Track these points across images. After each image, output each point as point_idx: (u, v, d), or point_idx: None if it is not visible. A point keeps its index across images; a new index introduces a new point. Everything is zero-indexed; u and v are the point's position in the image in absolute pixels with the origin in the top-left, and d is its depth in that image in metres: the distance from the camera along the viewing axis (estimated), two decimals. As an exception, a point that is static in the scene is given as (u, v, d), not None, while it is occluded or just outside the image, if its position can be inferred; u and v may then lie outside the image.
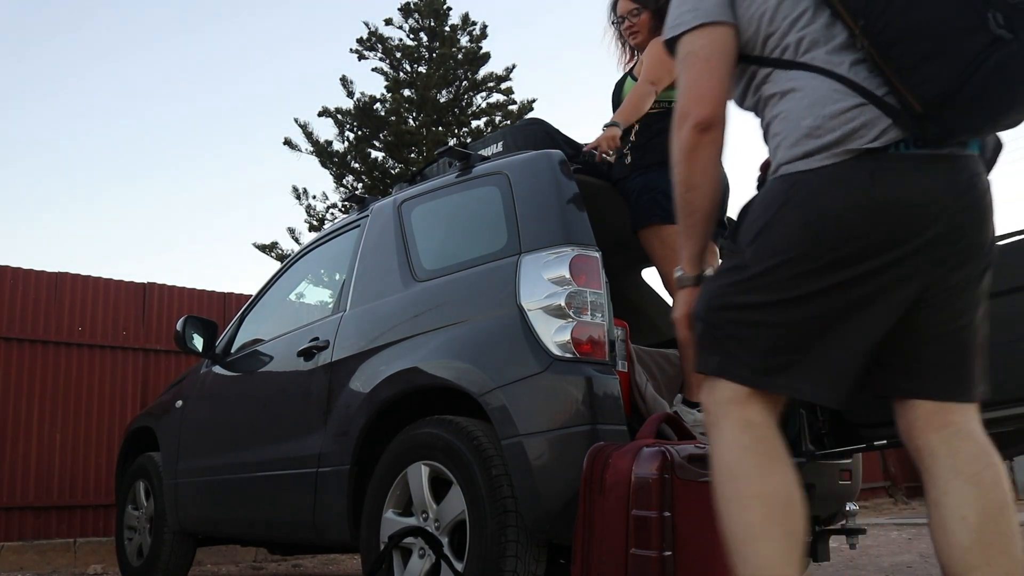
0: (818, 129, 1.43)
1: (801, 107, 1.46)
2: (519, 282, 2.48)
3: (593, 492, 2.10)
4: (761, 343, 1.46)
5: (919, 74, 1.35)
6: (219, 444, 3.73)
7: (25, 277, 6.42)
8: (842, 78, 1.43)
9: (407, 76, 11.83)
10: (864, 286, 1.41)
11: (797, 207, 1.43)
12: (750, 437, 1.46)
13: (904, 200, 1.39)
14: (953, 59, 1.32)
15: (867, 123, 1.40)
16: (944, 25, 1.32)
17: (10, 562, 5.50)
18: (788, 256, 1.43)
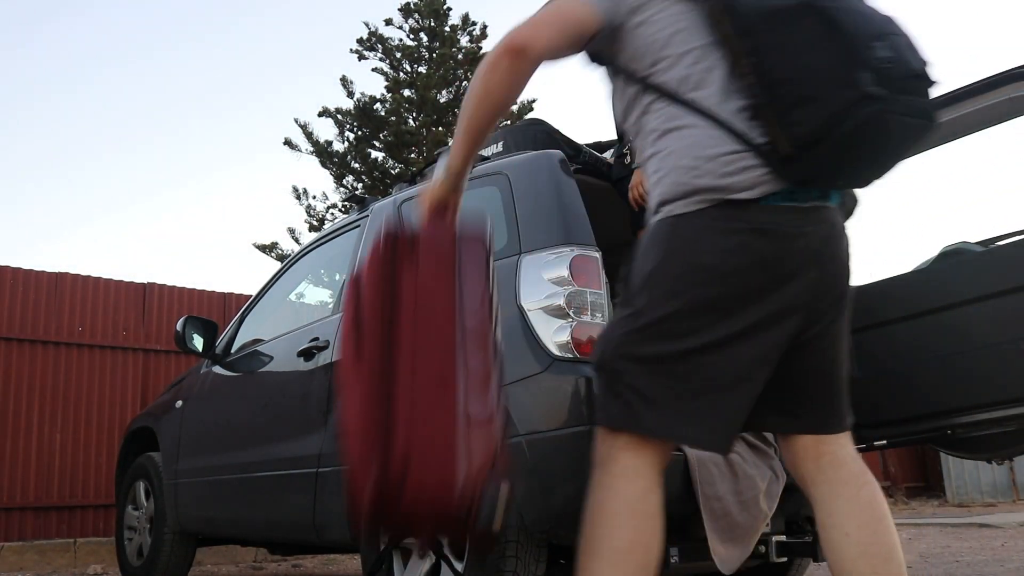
0: (696, 172, 1.47)
1: (682, 147, 1.50)
2: (519, 282, 2.48)
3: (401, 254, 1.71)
4: (661, 393, 1.50)
5: (793, 115, 1.40)
6: (219, 444, 3.73)
7: (25, 277, 6.42)
8: (724, 123, 1.47)
9: (407, 76, 11.83)
10: (749, 332, 1.48)
11: (679, 254, 1.49)
12: (635, 491, 1.51)
13: (776, 249, 1.47)
14: (826, 106, 1.37)
15: (744, 170, 1.46)
16: (825, 73, 1.37)
17: (10, 562, 5.50)
18: (675, 306, 1.48)
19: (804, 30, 1.39)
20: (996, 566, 4.39)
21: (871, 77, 1.35)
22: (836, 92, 1.37)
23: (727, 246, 1.46)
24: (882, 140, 1.42)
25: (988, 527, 6.79)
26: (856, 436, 2.67)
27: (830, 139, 1.38)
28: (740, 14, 1.46)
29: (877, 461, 11.30)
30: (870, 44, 1.36)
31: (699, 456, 2.31)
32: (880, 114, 1.37)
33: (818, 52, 1.38)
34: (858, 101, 1.36)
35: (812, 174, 1.46)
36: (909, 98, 1.39)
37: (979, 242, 2.69)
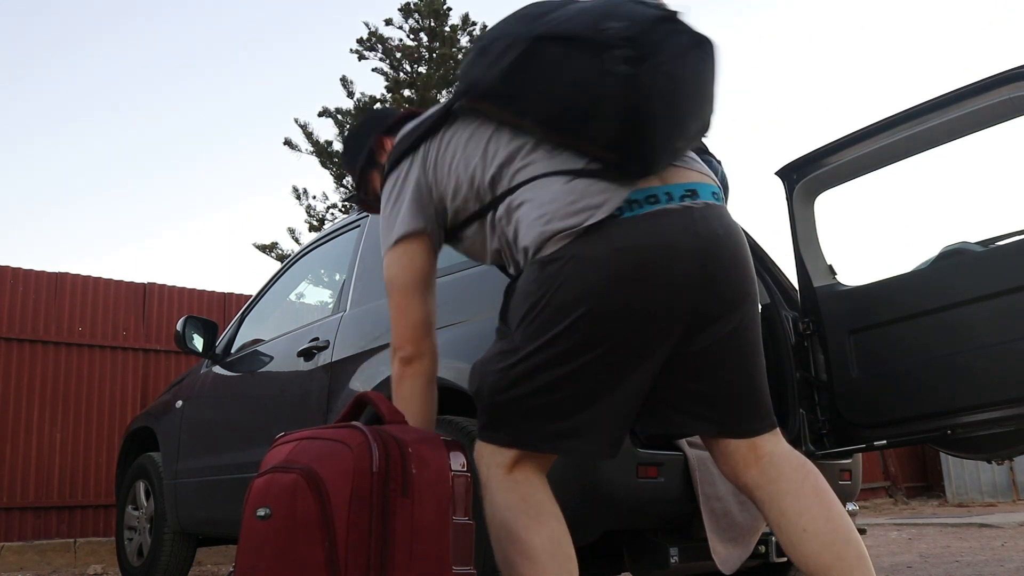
0: (545, 218, 1.50)
1: (533, 207, 1.52)
2: (519, 282, 2.48)
3: (393, 493, 1.76)
4: (543, 415, 1.56)
5: (589, 130, 1.45)
6: (219, 444, 3.73)
7: (25, 277, 6.43)
8: (555, 172, 1.51)
9: (407, 76, 11.83)
10: (629, 349, 1.49)
11: (552, 289, 1.50)
12: (517, 496, 1.60)
13: (645, 260, 1.46)
14: (602, 105, 1.41)
15: (583, 200, 1.48)
16: (580, 82, 1.41)
17: (10, 562, 5.50)
18: (551, 335, 1.50)
19: (541, 60, 1.44)
20: (996, 566, 4.39)
21: (616, 56, 1.37)
22: (597, 85, 1.39)
23: (595, 274, 1.47)
24: (661, 98, 1.41)
25: (988, 527, 6.79)
26: (856, 436, 2.68)
27: (624, 128, 1.41)
28: (487, 93, 1.53)
29: (877, 461, 11.30)
30: (599, 28, 1.39)
31: (699, 456, 2.31)
32: (638, 78, 1.38)
33: (563, 68, 1.42)
34: (622, 80, 1.37)
35: (645, 160, 1.47)
36: (663, 44, 1.39)
37: (979, 242, 2.69)
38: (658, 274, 1.47)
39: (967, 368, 2.44)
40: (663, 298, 1.48)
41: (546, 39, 1.44)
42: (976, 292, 2.47)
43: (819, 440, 2.74)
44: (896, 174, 2.94)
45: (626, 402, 1.55)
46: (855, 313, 2.74)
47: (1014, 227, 2.64)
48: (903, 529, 7.11)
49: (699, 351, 1.55)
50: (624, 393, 1.53)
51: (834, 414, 2.72)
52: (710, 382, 1.58)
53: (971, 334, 2.46)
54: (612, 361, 1.50)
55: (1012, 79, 2.41)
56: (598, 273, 1.47)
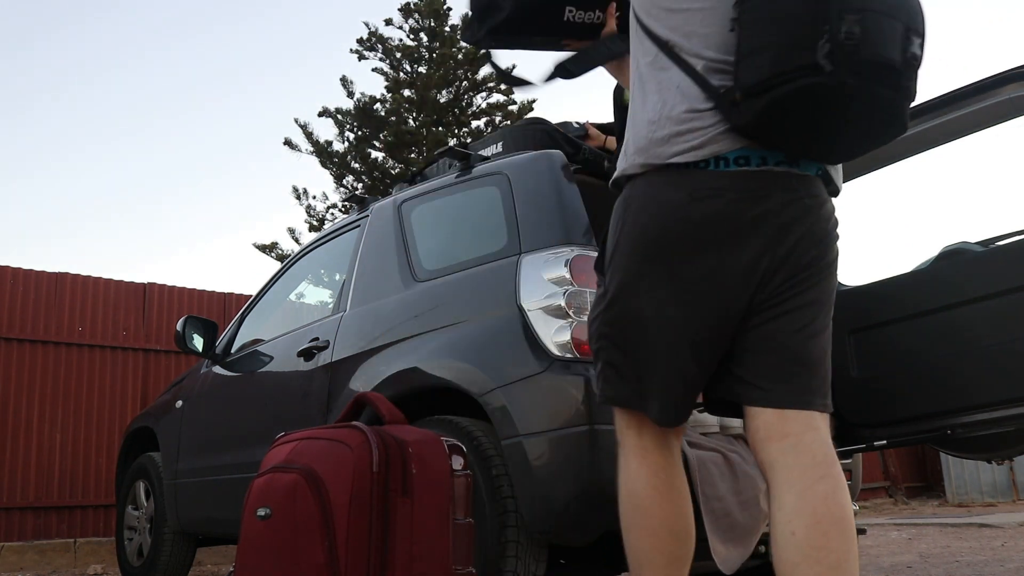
0: (655, 126, 1.46)
1: (653, 99, 1.48)
2: (519, 282, 2.48)
3: (393, 493, 1.78)
4: (629, 367, 1.52)
5: (751, 60, 1.36)
6: (219, 444, 3.73)
7: (25, 277, 6.42)
8: (703, 80, 1.43)
9: (407, 76, 11.82)
10: (704, 297, 1.44)
11: (627, 224, 1.49)
12: (648, 469, 1.55)
13: (719, 213, 1.42)
14: (778, 61, 1.32)
15: (696, 131, 1.42)
16: (791, 28, 1.32)
17: (10, 562, 5.50)
18: (626, 277, 1.48)
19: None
20: (996, 566, 4.39)
21: (828, 47, 1.28)
22: (792, 52, 1.31)
23: (673, 215, 1.44)
24: (819, 114, 1.35)
25: (988, 527, 6.79)
26: (856, 436, 2.68)
27: (770, 95, 1.33)
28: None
29: (877, 461, 11.30)
30: (842, 14, 1.28)
31: (699, 456, 2.31)
32: (821, 87, 1.30)
33: (795, 3, 1.32)
34: (807, 67, 1.29)
35: (754, 127, 1.39)
36: (861, 79, 1.30)
37: (979, 242, 2.69)
38: (730, 230, 1.43)
39: (967, 368, 2.44)
40: (736, 252, 1.43)
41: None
42: (976, 292, 2.47)
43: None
44: (896, 174, 2.94)
45: (704, 361, 1.49)
46: (855, 313, 2.74)
47: (1014, 227, 2.64)
48: (903, 529, 7.11)
49: (765, 313, 1.46)
50: (695, 349, 1.48)
51: (834, 414, 2.72)
52: (768, 348, 1.47)
53: (971, 334, 2.46)
54: (682, 312, 1.46)
55: (1012, 79, 2.42)
56: (676, 218, 1.45)
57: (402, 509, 1.78)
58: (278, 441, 2.06)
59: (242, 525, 1.93)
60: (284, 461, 1.92)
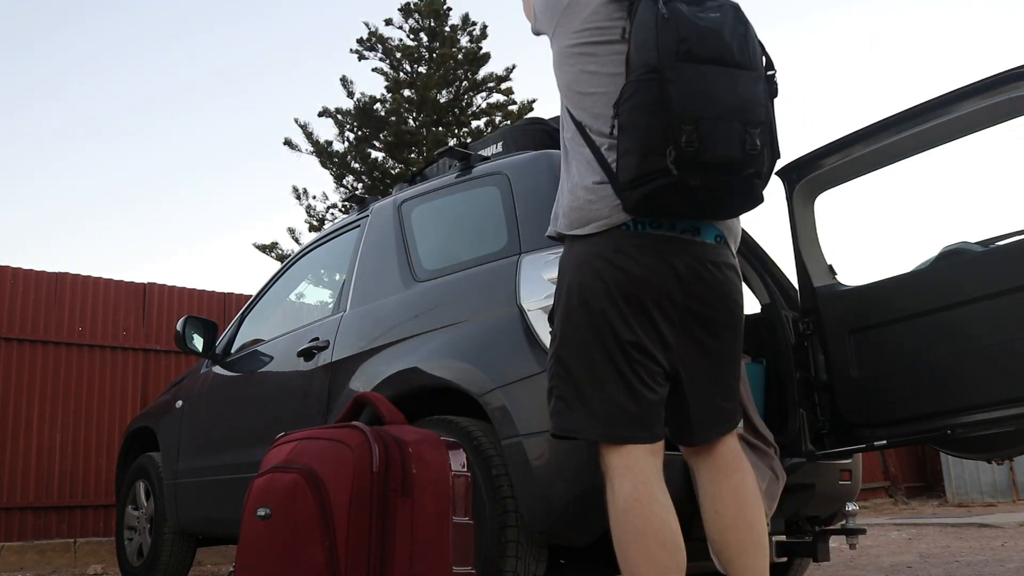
0: (575, 197, 1.77)
1: (575, 170, 1.80)
2: (519, 282, 2.48)
3: (393, 493, 1.79)
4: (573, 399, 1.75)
5: (623, 160, 1.66)
6: (219, 444, 3.73)
7: (25, 277, 6.42)
8: (604, 161, 1.73)
9: (407, 76, 11.82)
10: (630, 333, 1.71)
11: (566, 279, 1.78)
12: (631, 484, 1.71)
13: (638, 272, 1.71)
14: (639, 165, 1.62)
15: (604, 199, 1.72)
16: (647, 138, 1.61)
17: (10, 562, 5.50)
18: (568, 325, 1.76)
19: (648, 91, 1.62)
20: (996, 566, 4.39)
21: (673, 155, 1.57)
22: (650, 157, 1.60)
23: (599, 270, 1.72)
24: (678, 203, 1.67)
25: (988, 527, 6.79)
26: (856, 436, 2.68)
27: (639, 191, 1.64)
28: (630, 64, 1.68)
29: (877, 461, 11.29)
30: (683, 125, 1.57)
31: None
32: (672, 187, 1.60)
33: (651, 116, 1.61)
34: (660, 171, 1.59)
35: (636, 210, 1.68)
36: (701, 177, 1.60)
37: (979, 242, 2.69)
38: (647, 285, 1.73)
39: (967, 368, 2.44)
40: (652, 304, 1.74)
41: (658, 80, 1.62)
42: (976, 292, 2.46)
43: (819, 440, 2.74)
44: (896, 174, 2.94)
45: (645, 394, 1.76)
46: (855, 313, 2.74)
47: (1014, 227, 2.64)
48: (903, 529, 7.11)
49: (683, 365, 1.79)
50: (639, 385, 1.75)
51: (834, 414, 2.72)
52: (689, 396, 1.81)
53: (971, 334, 2.46)
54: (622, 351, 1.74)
55: (1012, 79, 2.41)
56: (602, 271, 1.74)
57: (402, 509, 1.78)
58: (278, 441, 2.05)
59: (242, 525, 1.93)
60: (284, 461, 1.92)
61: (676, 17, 1.63)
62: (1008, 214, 4.25)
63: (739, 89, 1.64)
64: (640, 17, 1.66)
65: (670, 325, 1.74)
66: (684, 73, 1.60)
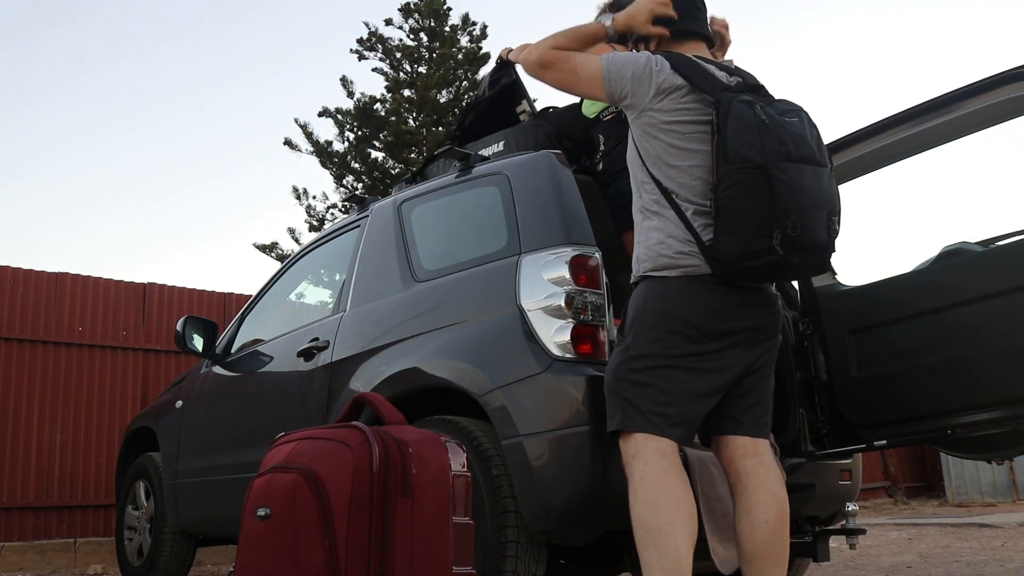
0: (664, 246, 2.07)
1: (658, 226, 2.10)
2: (519, 282, 2.48)
3: (393, 493, 1.79)
4: (647, 403, 2.02)
5: (725, 237, 1.97)
6: (219, 444, 3.73)
7: (25, 277, 6.42)
8: (690, 225, 2.05)
9: (407, 76, 11.82)
10: (719, 355, 2.06)
11: (651, 305, 2.06)
12: (668, 463, 1.99)
13: (714, 303, 2.04)
14: (745, 244, 1.96)
15: (695, 257, 2.04)
16: (752, 222, 1.94)
17: (10, 562, 5.50)
18: (651, 340, 2.04)
19: (754, 183, 1.93)
20: (996, 566, 4.39)
21: (779, 238, 1.91)
22: (756, 239, 1.94)
23: (685, 298, 2.03)
24: (774, 275, 2.12)
25: (988, 527, 6.79)
26: (856, 436, 2.68)
27: (740, 265, 1.98)
28: (724, 143, 1.98)
29: (877, 461, 11.29)
30: (787, 217, 1.91)
31: (699, 456, 2.31)
32: (775, 263, 1.96)
33: (757, 204, 1.93)
34: (766, 250, 1.93)
35: (731, 276, 2.02)
36: (802, 255, 1.96)
37: (979, 242, 2.69)
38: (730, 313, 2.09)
39: (967, 368, 2.44)
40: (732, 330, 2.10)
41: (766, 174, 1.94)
42: (976, 292, 2.46)
43: (819, 440, 2.74)
44: (896, 174, 2.93)
45: (706, 404, 2.11)
46: (855, 313, 2.74)
47: (1014, 227, 2.64)
48: (903, 529, 7.11)
49: (753, 374, 2.15)
50: (706, 396, 2.10)
51: (834, 414, 2.72)
52: (753, 395, 2.16)
53: (971, 334, 2.46)
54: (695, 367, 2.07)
55: (1012, 79, 2.41)
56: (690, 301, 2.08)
57: (402, 509, 1.78)
58: (278, 441, 2.05)
59: (242, 525, 1.93)
60: (284, 461, 1.92)
61: (773, 122, 1.95)
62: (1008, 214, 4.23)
63: (823, 185, 1.98)
64: (736, 115, 1.97)
65: (733, 346, 2.07)
66: (787, 171, 1.92)
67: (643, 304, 2.09)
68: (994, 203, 20.04)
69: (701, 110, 2.08)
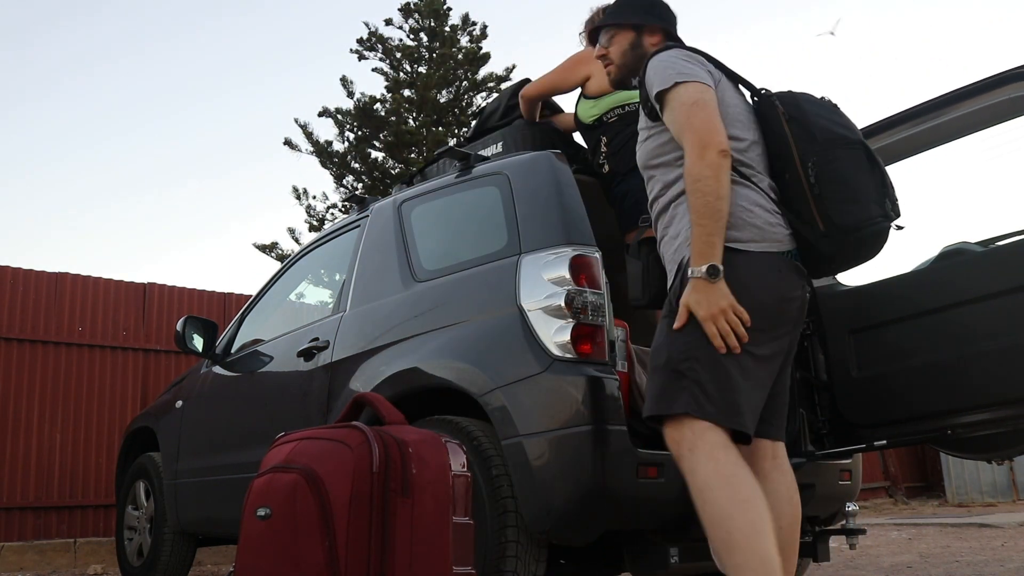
0: (751, 213, 1.99)
1: (737, 195, 1.98)
2: (519, 282, 2.48)
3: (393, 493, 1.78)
4: (716, 388, 1.88)
5: (844, 207, 1.98)
6: (219, 444, 3.73)
7: (25, 277, 6.42)
8: (764, 192, 2.03)
9: (407, 76, 11.83)
10: (776, 342, 1.98)
11: (731, 277, 1.91)
12: (735, 456, 1.87)
13: (787, 289, 2.00)
14: (865, 211, 2.00)
15: (781, 227, 2.01)
16: (869, 190, 2.02)
17: (10, 562, 5.50)
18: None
19: (857, 156, 2.02)
20: (996, 566, 4.39)
21: (891, 204, 2.04)
22: (872, 206, 2.00)
23: (761, 277, 1.95)
24: (880, 243, 2.11)
25: (988, 527, 6.79)
26: (856, 436, 2.68)
27: (859, 233, 2.00)
28: (806, 127, 2.02)
29: (877, 461, 11.29)
30: (887, 183, 2.06)
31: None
32: (887, 229, 2.07)
33: (866, 174, 2.02)
34: (882, 216, 2.02)
35: (835, 249, 2.02)
36: (894, 219, 2.07)
37: (979, 242, 2.69)
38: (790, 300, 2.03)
39: (967, 368, 2.44)
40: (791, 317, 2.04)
41: (865, 148, 2.07)
42: (976, 292, 2.46)
43: (819, 440, 2.74)
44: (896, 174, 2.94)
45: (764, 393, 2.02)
46: (855, 313, 2.74)
47: (1014, 227, 2.64)
48: (903, 529, 7.11)
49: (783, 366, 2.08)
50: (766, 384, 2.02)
51: (834, 414, 2.72)
52: (780, 392, 2.09)
53: (971, 334, 2.46)
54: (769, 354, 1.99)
55: (1012, 79, 2.41)
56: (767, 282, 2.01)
57: (402, 509, 1.78)
58: (278, 441, 2.05)
59: (242, 525, 1.93)
60: (284, 461, 1.92)
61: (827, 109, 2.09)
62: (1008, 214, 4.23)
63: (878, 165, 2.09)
64: (805, 100, 2.07)
65: (788, 334, 2.03)
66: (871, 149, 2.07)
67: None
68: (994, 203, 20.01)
69: (743, 100, 2.14)
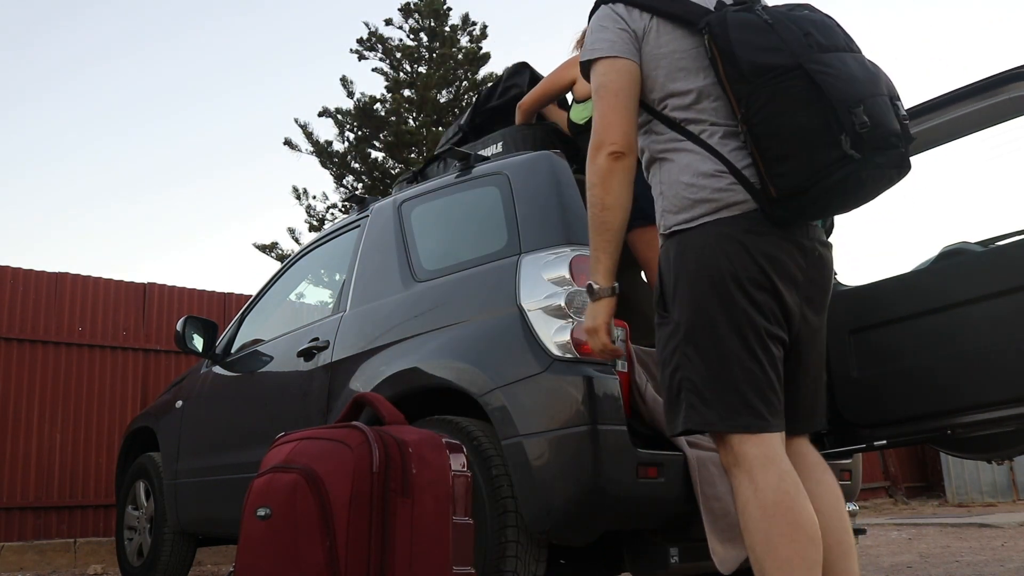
0: (693, 188, 1.70)
1: (680, 166, 1.73)
2: (519, 282, 2.48)
3: (393, 493, 1.78)
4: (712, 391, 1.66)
5: (776, 168, 1.61)
6: (219, 444, 3.73)
7: (25, 277, 6.42)
8: (719, 154, 1.69)
9: (407, 76, 11.83)
10: (761, 316, 1.67)
11: (691, 266, 1.69)
12: (776, 474, 1.62)
13: (769, 251, 1.68)
14: (809, 163, 1.57)
15: (734, 190, 1.67)
16: (809, 134, 1.56)
17: (10, 562, 5.50)
18: (701, 303, 1.67)
19: (792, 89, 1.57)
20: (996, 566, 4.39)
21: (849, 140, 1.53)
22: (819, 152, 1.55)
23: (728, 252, 1.66)
24: (856, 191, 1.63)
25: (988, 527, 6.79)
26: (856, 436, 2.68)
27: (812, 191, 1.59)
28: (733, 62, 1.63)
29: (877, 461, 11.29)
30: (851, 109, 1.53)
31: (699, 456, 2.31)
32: (856, 172, 1.56)
33: (804, 112, 1.56)
34: (838, 161, 1.55)
35: (793, 215, 1.67)
36: (884, 154, 1.57)
37: (979, 242, 2.69)
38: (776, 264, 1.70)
39: (967, 368, 2.44)
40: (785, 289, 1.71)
41: (805, 73, 1.57)
42: (976, 292, 2.46)
43: (819, 440, 2.74)
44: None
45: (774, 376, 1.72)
46: (855, 313, 2.74)
47: (1014, 227, 2.64)
48: (903, 529, 7.11)
49: (796, 348, 1.76)
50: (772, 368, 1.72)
51: (834, 414, 2.72)
52: (798, 380, 1.79)
53: (971, 334, 2.46)
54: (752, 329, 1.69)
55: (1012, 79, 2.41)
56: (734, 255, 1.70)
57: (402, 509, 1.78)
58: (278, 441, 2.06)
59: (242, 525, 1.93)
60: (284, 461, 1.92)
61: (786, 17, 1.63)
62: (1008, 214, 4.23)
63: (869, 68, 1.62)
64: (735, 24, 1.64)
65: (792, 306, 1.71)
66: (828, 61, 1.57)
67: (679, 265, 1.71)
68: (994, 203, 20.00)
69: (691, 38, 1.74)
